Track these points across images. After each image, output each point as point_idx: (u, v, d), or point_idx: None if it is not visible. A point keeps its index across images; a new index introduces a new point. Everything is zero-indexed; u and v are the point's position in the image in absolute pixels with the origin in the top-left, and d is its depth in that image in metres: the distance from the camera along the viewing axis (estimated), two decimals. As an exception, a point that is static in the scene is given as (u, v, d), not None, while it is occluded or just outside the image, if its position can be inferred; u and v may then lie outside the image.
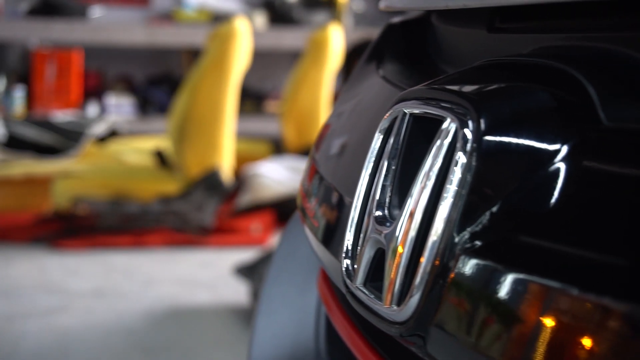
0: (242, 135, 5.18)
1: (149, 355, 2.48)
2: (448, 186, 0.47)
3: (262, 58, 6.13)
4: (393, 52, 0.77)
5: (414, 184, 0.50)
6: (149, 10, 6.87)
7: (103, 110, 6.10)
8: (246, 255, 3.72)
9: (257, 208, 4.26)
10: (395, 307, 0.49)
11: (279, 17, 6.57)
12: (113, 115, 5.69)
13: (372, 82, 0.74)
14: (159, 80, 6.48)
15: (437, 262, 0.47)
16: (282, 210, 4.23)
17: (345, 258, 0.55)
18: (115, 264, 3.52)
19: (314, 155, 0.76)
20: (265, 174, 4.50)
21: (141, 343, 2.56)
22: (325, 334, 0.73)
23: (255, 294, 2.80)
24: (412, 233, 0.49)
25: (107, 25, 6.07)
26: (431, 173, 0.49)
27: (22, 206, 4.31)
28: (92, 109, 6.02)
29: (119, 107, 6.14)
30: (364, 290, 0.53)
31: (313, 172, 0.72)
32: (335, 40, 4.95)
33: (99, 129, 4.96)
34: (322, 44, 4.91)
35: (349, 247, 0.55)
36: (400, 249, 0.49)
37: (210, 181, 3.84)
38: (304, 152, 5.01)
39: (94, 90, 6.28)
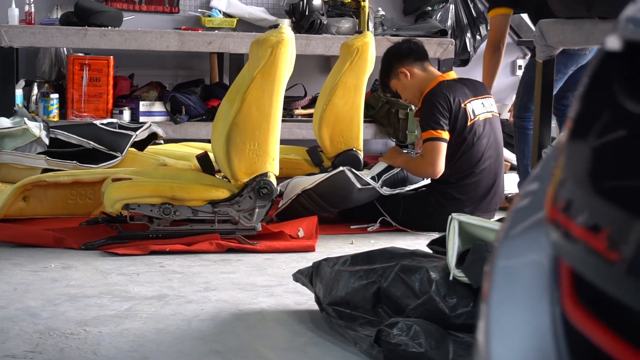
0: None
1: None
2: None
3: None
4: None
5: None
6: (178, 17, 6.93)
7: (134, 116, 6.16)
8: (296, 259, 3.79)
9: (299, 209, 4.35)
10: None
11: (304, 24, 6.62)
12: (150, 120, 5.74)
13: (621, 116, 0.79)
14: (188, 86, 6.54)
15: None
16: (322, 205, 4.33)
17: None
18: (171, 269, 3.58)
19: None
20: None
21: (215, 348, 2.61)
22: (570, 355, 0.79)
23: (319, 301, 2.85)
24: None
25: (139, 31, 6.12)
26: None
27: (71, 212, 4.37)
28: (126, 115, 6.08)
29: (150, 112, 6.20)
30: None
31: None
32: (372, 46, 5.01)
33: (143, 133, 5.02)
34: (359, 50, 4.97)
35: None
36: None
37: (259, 187, 3.90)
38: (338, 156, 5.07)
39: (125, 96, 6.34)
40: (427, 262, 2.68)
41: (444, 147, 4.41)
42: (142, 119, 6.04)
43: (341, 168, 4.37)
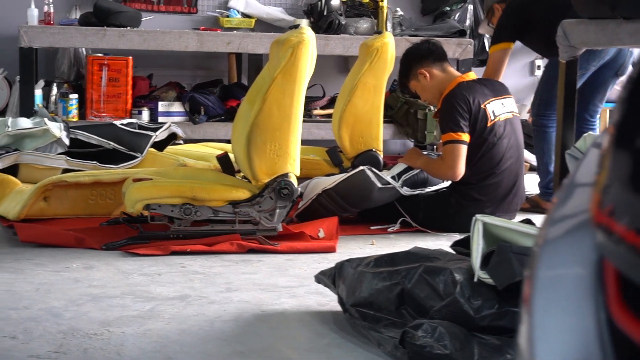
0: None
1: (248, 360, 2.54)
2: None
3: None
4: None
5: None
6: (196, 17, 6.94)
7: (153, 116, 6.17)
8: (317, 260, 3.78)
9: (319, 208, 4.35)
10: None
11: (323, 24, 6.62)
12: (169, 121, 5.75)
13: None
14: (207, 86, 6.55)
15: None
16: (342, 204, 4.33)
17: None
18: (192, 269, 3.58)
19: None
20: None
21: (238, 348, 2.61)
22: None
23: (342, 302, 2.85)
24: None
25: (158, 31, 6.13)
26: None
27: (91, 212, 4.38)
28: (145, 115, 6.09)
29: (169, 113, 6.21)
30: None
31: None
32: (391, 47, 5.00)
33: (163, 134, 5.02)
34: (378, 50, 4.96)
35: None
36: None
37: (280, 187, 3.89)
38: (358, 156, 5.06)
39: (144, 96, 6.35)
40: (451, 264, 2.67)
41: (463, 149, 4.40)
42: (160, 119, 6.06)
43: (361, 167, 4.37)
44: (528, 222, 2.91)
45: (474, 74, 4.80)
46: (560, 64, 3.91)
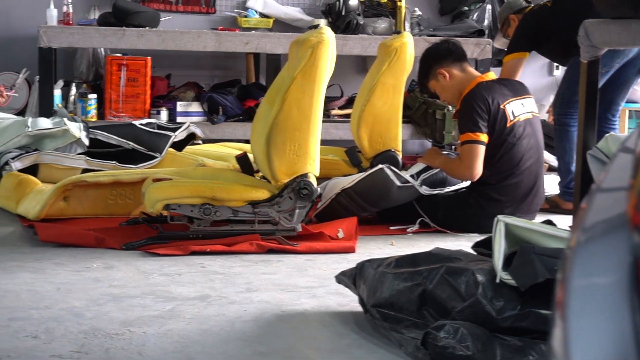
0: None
1: (270, 361, 2.53)
2: None
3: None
4: None
5: None
6: (214, 17, 6.95)
7: (172, 116, 6.18)
8: (337, 260, 3.78)
9: (338, 207, 4.35)
10: None
11: (341, 24, 6.62)
12: (188, 121, 5.76)
13: None
14: (225, 86, 6.56)
15: None
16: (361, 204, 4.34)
17: None
18: (212, 269, 3.58)
19: None
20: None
21: (259, 349, 2.61)
22: None
23: (362, 302, 2.84)
24: None
25: (176, 31, 6.14)
26: None
27: (111, 212, 4.39)
28: (163, 115, 6.10)
29: (187, 113, 6.21)
30: None
31: None
32: (410, 47, 4.99)
33: (182, 134, 5.03)
34: (397, 50, 4.95)
35: None
36: None
37: (299, 187, 3.89)
38: (376, 157, 5.05)
39: (163, 96, 6.36)
40: (473, 264, 2.66)
41: (481, 149, 4.38)
42: (179, 119, 6.07)
43: (380, 166, 4.36)
44: (549, 223, 2.90)
45: (493, 74, 4.78)
46: (581, 64, 3.90)
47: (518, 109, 4.49)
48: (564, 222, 4.16)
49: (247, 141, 5.32)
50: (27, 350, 2.53)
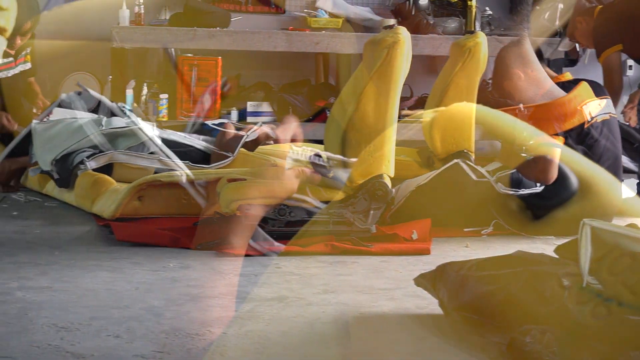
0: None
1: (351, 364, 2.51)
2: None
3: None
4: None
5: None
6: (283, 17, 6.95)
7: (242, 117, 6.19)
8: (412, 262, 3.75)
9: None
10: None
11: (411, 24, 6.57)
12: (261, 120, 5.76)
13: None
14: (295, 86, 6.55)
15: None
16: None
17: None
18: (287, 270, 3.57)
19: None
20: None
21: (339, 352, 2.59)
22: None
23: (443, 305, 2.81)
24: None
25: (247, 32, 6.16)
26: None
27: (184, 212, 4.41)
28: (233, 115, 6.12)
29: (257, 113, 6.22)
30: None
31: None
32: (484, 47, 4.94)
33: (254, 134, 5.03)
34: (471, 51, 4.90)
35: None
36: None
37: (374, 188, 3.87)
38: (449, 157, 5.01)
39: (233, 97, 6.38)
40: (557, 268, 2.61)
41: (557, 152, 4.31)
42: (249, 119, 6.07)
43: (455, 160, 4.31)
44: (634, 226, 2.84)
45: (569, 75, 4.72)
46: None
47: (595, 110, 4.42)
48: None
49: (316, 141, 5.30)
50: (110, 350, 2.54)
